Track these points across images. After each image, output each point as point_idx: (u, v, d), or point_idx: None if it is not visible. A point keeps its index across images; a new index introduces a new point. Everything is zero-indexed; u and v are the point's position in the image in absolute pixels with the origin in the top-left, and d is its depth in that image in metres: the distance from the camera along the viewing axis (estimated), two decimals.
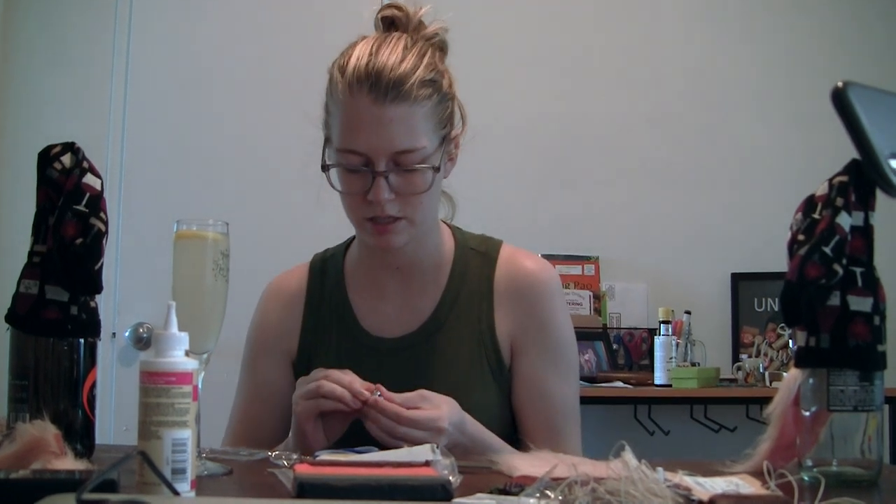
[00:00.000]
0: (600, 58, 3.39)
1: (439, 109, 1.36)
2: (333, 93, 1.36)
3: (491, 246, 1.50)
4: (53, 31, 3.09)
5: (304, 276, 1.54)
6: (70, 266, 1.09)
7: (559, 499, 0.87)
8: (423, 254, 1.47)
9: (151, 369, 0.91)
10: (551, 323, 1.46)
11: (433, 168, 1.34)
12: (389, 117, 1.30)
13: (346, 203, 1.39)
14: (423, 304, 1.47)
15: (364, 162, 1.33)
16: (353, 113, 1.32)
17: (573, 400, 1.47)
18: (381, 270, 1.48)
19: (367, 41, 1.37)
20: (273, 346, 1.51)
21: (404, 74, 1.31)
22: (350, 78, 1.32)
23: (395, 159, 1.32)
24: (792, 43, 3.40)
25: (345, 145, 1.34)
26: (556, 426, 1.43)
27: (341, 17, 3.22)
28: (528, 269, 1.47)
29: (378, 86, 1.30)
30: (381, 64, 1.31)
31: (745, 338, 3.25)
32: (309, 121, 1.45)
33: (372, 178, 1.32)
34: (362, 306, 1.49)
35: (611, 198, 3.33)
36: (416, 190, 1.34)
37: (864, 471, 1.04)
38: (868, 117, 0.88)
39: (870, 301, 1.04)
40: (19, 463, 0.95)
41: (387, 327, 1.47)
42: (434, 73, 1.35)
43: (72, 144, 1.14)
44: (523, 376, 1.44)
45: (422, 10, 1.41)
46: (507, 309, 1.45)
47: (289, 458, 1.17)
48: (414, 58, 1.33)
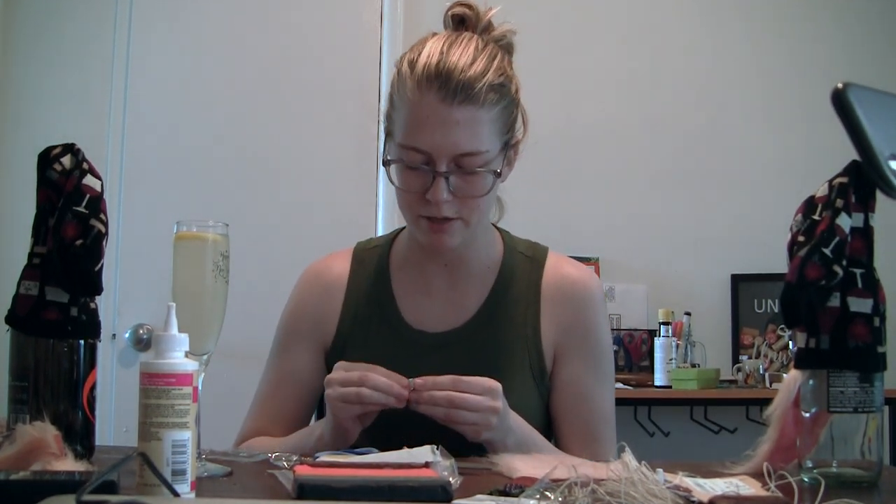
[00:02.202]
0: (600, 59, 3.39)
1: (505, 114, 1.36)
2: (401, 87, 1.34)
3: (538, 251, 1.52)
4: (53, 31, 3.09)
5: (346, 264, 1.53)
6: (70, 267, 1.09)
7: (559, 500, 0.87)
8: (473, 254, 1.47)
9: (151, 370, 0.92)
10: (595, 330, 1.47)
11: (494, 172, 1.35)
12: (456, 119, 1.30)
13: (403, 199, 1.38)
14: (468, 303, 1.47)
15: (425, 160, 1.33)
16: (420, 111, 1.31)
17: (611, 406, 1.48)
18: (429, 266, 1.48)
19: (438, 38, 1.36)
20: (307, 332, 1.50)
21: (474, 77, 1.30)
22: (420, 75, 1.31)
23: (456, 161, 1.32)
24: (792, 44, 3.40)
25: (408, 142, 1.33)
26: (594, 432, 1.44)
27: (341, 17, 3.24)
28: (574, 276, 1.48)
29: (448, 86, 1.29)
30: (453, 64, 1.30)
31: (745, 339, 3.25)
32: (316, 118, 1.46)
33: (432, 178, 1.32)
34: (406, 299, 1.48)
35: (611, 199, 3.33)
36: (476, 193, 1.35)
37: (864, 472, 1.04)
38: (868, 118, 0.88)
39: (870, 302, 1.04)
40: (19, 464, 0.95)
41: (429, 322, 1.47)
42: (503, 77, 1.35)
43: (72, 145, 1.14)
44: (565, 381, 1.45)
45: (492, 10, 1.41)
46: (552, 314, 1.46)
47: (289, 460, 1.18)
48: (485, 60, 1.33)
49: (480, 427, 1.24)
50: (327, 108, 3.13)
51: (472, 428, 1.24)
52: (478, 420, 1.23)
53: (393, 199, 3.39)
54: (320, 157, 3.12)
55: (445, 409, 1.23)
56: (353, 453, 1.19)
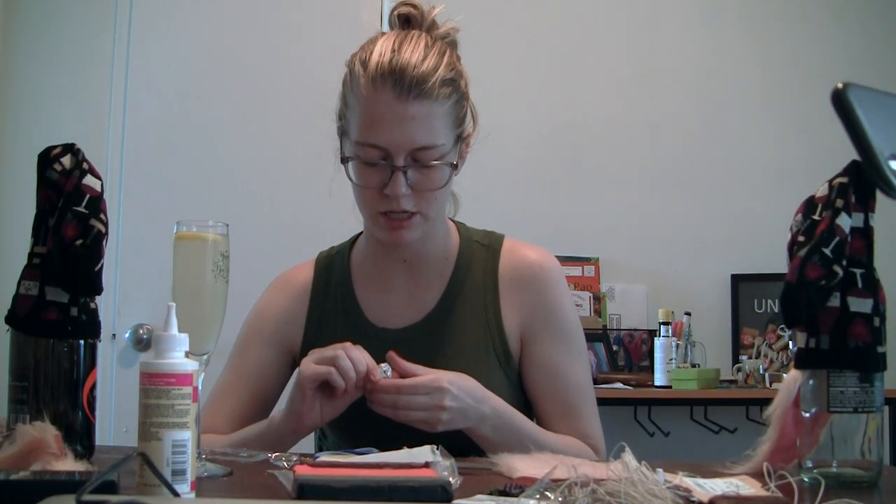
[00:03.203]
0: (601, 60, 3.39)
1: (457, 108, 1.39)
2: (354, 86, 1.37)
3: (494, 239, 1.54)
4: (53, 31, 3.09)
5: (309, 271, 1.57)
6: (70, 267, 1.09)
7: (559, 500, 0.87)
8: (430, 247, 1.50)
9: (151, 370, 0.92)
10: (558, 308, 1.49)
11: (450, 165, 1.38)
12: (411, 114, 1.33)
13: (362, 196, 1.41)
14: (428, 296, 1.50)
15: (383, 156, 1.35)
16: (375, 108, 1.34)
17: (587, 380, 1.50)
18: (388, 263, 1.51)
19: (387, 37, 1.39)
20: (271, 334, 1.52)
21: (427, 72, 1.33)
22: (373, 73, 1.34)
23: (413, 155, 1.35)
24: (792, 45, 3.40)
25: (365, 139, 1.36)
26: (574, 407, 1.45)
27: (341, 17, 3.24)
28: (531, 258, 1.51)
29: (402, 82, 1.32)
30: (405, 61, 1.33)
31: (745, 339, 3.25)
32: (316, 118, 1.46)
33: (390, 173, 1.35)
34: (368, 298, 1.51)
35: (611, 199, 3.33)
36: (433, 186, 1.37)
37: (864, 472, 1.04)
38: (868, 118, 0.88)
39: (870, 302, 1.04)
40: (19, 464, 0.95)
41: (392, 319, 1.49)
42: (454, 72, 1.38)
43: (72, 145, 1.14)
44: (537, 362, 1.47)
45: (435, 9, 1.44)
46: (513, 298, 1.48)
47: (289, 460, 1.18)
48: (435, 56, 1.36)
49: (431, 423, 1.28)
50: (327, 107, 3.12)
51: (424, 425, 1.28)
52: (426, 418, 1.28)
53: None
54: (320, 157, 3.11)
55: (393, 410, 1.28)
56: (354, 453, 1.20)
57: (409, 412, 1.27)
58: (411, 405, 1.27)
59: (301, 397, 1.29)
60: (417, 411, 1.27)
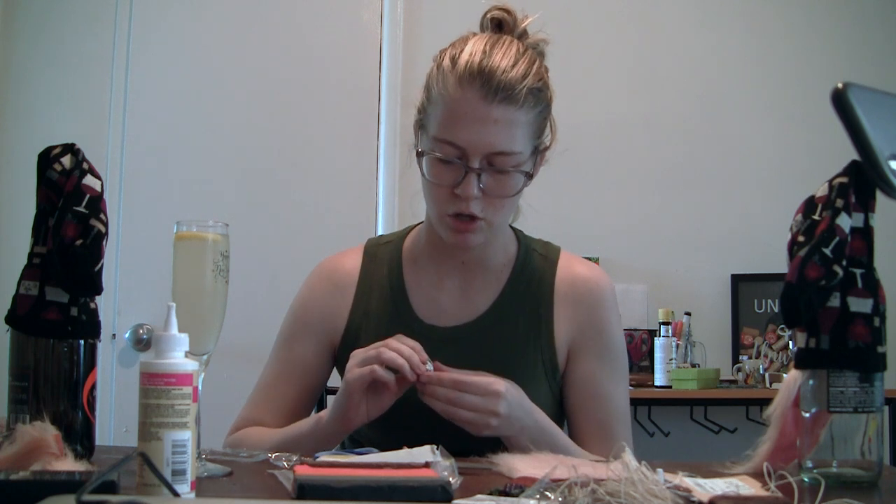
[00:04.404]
0: (601, 59, 3.39)
1: (539, 119, 1.38)
2: (441, 82, 1.36)
3: (551, 250, 1.54)
4: (53, 31, 3.09)
5: (357, 259, 1.54)
6: (70, 267, 1.09)
7: (559, 500, 0.87)
8: (490, 251, 1.49)
9: (151, 370, 0.92)
10: (608, 329, 1.49)
11: (525, 174, 1.38)
12: (494, 117, 1.32)
13: (432, 194, 1.40)
14: (481, 298, 1.49)
15: (459, 155, 1.34)
16: (459, 106, 1.33)
17: (625, 404, 1.49)
18: (445, 262, 1.50)
19: (480, 38, 1.38)
20: (316, 325, 1.51)
21: (516, 78, 1.33)
22: (462, 71, 1.33)
23: (489, 159, 1.34)
24: (792, 44, 3.40)
25: (444, 136, 1.34)
26: (610, 429, 1.45)
27: (341, 17, 3.24)
28: (587, 275, 1.50)
29: (489, 84, 1.32)
30: (496, 64, 1.33)
31: (745, 339, 3.25)
32: (312, 119, 1.46)
33: (464, 173, 1.34)
34: (418, 294, 1.50)
35: (611, 198, 3.33)
36: (505, 193, 1.37)
37: (864, 472, 1.04)
38: (868, 118, 0.88)
39: (870, 302, 1.04)
40: (19, 464, 0.95)
41: (442, 317, 1.48)
42: (541, 83, 1.38)
43: (72, 146, 1.14)
44: (579, 378, 1.46)
45: (528, 18, 1.45)
46: (566, 313, 1.47)
47: (289, 460, 1.18)
48: (526, 64, 1.35)
49: (479, 426, 1.26)
50: (327, 107, 3.13)
51: (470, 426, 1.27)
52: (475, 420, 1.26)
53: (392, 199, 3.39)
54: (320, 157, 3.12)
55: (444, 405, 1.26)
56: (354, 453, 1.20)
57: (460, 411, 1.26)
58: (465, 404, 1.26)
59: (347, 402, 1.28)
60: (469, 412, 1.26)
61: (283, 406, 1.47)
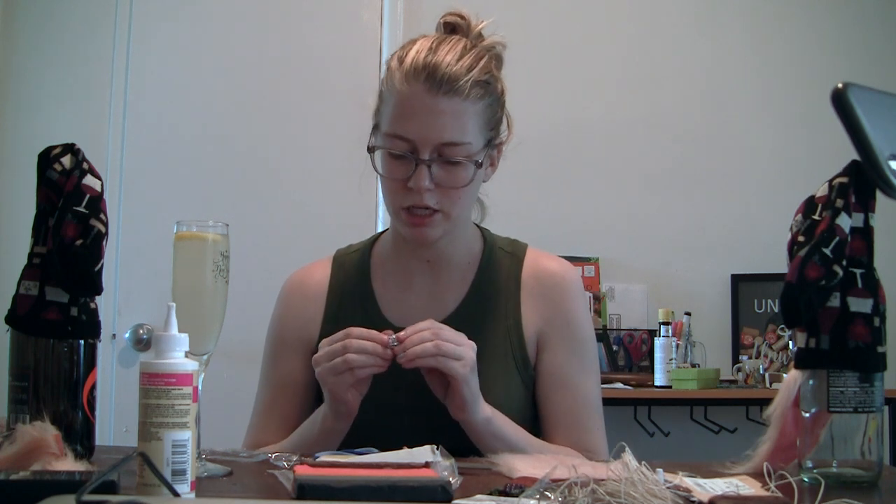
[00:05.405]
0: (601, 59, 3.39)
1: (489, 112, 1.41)
2: (389, 81, 1.41)
3: (517, 247, 1.56)
4: (53, 31, 3.09)
5: (326, 269, 1.57)
6: (70, 267, 1.09)
7: (559, 500, 0.87)
8: (454, 249, 1.51)
9: (151, 370, 0.92)
10: (576, 320, 1.50)
11: (476, 164, 1.40)
12: (441, 109, 1.36)
13: (386, 188, 1.43)
14: (449, 297, 1.50)
15: (410, 149, 1.38)
16: (407, 101, 1.37)
17: (595, 395, 1.50)
18: (411, 262, 1.52)
19: (427, 38, 1.43)
20: (293, 341, 1.52)
21: (460, 71, 1.37)
22: (408, 68, 1.37)
23: (440, 151, 1.37)
24: (792, 44, 3.40)
25: (393, 130, 1.39)
26: (579, 419, 1.46)
27: (341, 17, 3.24)
28: (553, 268, 1.52)
29: (434, 78, 1.35)
30: (440, 59, 1.37)
31: (745, 339, 3.25)
32: (312, 119, 1.46)
33: (415, 166, 1.37)
34: (387, 297, 1.52)
35: (611, 199, 3.33)
36: (457, 183, 1.39)
37: (864, 472, 1.04)
38: (868, 118, 0.88)
39: (870, 302, 1.04)
40: (19, 464, 0.95)
41: (411, 318, 1.47)
42: (488, 76, 1.41)
43: (72, 145, 1.14)
44: (548, 370, 1.47)
45: (483, 22, 1.47)
46: (533, 306, 1.49)
47: (289, 460, 1.18)
48: (472, 59, 1.39)
49: (466, 361, 1.28)
50: (327, 107, 3.12)
51: (461, 363, 1.27)
52: (463, 354, 1.28)
53: None
54: (320, 157, 3.11)
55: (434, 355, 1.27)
56: (354, 453, 1.20)
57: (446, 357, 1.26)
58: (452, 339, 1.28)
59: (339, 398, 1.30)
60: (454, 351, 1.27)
61: (285, 423, 1.48)
